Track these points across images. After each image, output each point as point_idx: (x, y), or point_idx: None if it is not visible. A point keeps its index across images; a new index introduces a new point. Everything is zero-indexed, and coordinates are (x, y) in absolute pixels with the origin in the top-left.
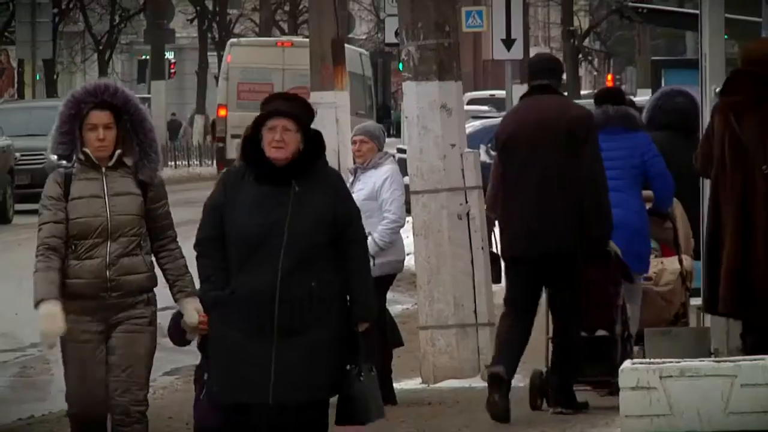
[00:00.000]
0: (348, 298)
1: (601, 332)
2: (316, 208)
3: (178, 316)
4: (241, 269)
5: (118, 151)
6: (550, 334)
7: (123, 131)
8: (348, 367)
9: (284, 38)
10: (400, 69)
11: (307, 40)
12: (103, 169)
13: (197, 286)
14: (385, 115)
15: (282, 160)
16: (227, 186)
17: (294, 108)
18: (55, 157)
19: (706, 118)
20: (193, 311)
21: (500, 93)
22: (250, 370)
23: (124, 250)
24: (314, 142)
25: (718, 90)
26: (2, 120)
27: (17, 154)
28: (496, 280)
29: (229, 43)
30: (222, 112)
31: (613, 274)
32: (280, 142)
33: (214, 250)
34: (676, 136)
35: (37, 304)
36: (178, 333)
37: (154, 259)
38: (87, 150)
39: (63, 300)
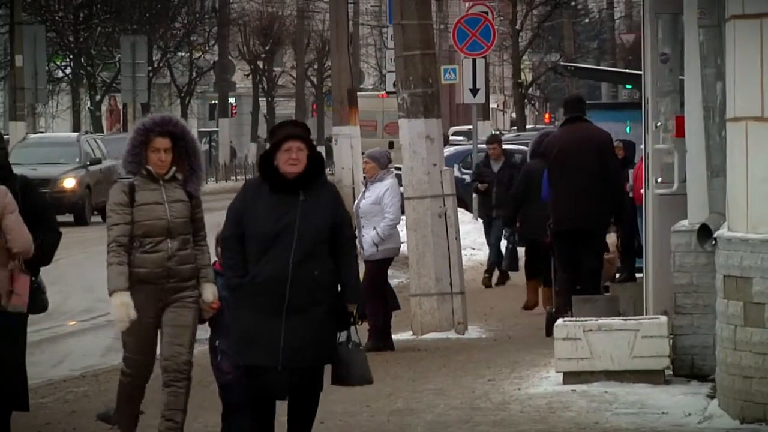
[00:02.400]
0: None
1: None
2: (318, 213)
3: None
4: (259, 260)
5: (173, 168)
6: (557, 288)
7: (177, 154)
8: (339, 337)
9: (383, 92)
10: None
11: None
12: (161, 182)
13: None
14: None
15: (294, 174)
16: (247, 194)
17: (303, 132)
18: (125, 172)
19: (649, 146)
20: (210, 293)
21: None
22: (265, 339)
23: (180, 246)
24: (317, 162)
25: (659, 125)
26: (109, 146)
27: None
28: (513, 267)
29: None
30: None
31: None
32: (296, 159)
33: (235, 245)
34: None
35: (111, 293)
36: None
37: None
38: (150, 167)
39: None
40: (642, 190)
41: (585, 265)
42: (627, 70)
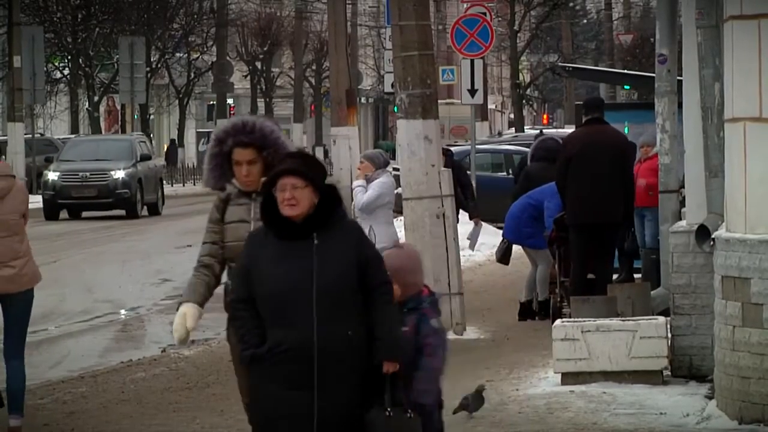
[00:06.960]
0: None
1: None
2: (338, 257)
3: None
4: (275, 324)
5: (263, 179)
6: (562, 278)
7: (269, 162)
8: (376, 408)
9: (447, 100)
10: (395, 111)
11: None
12: (253, 195)
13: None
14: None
15: (296, 216)
16: (251, 248)
17: (300, 165)
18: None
19: (665, 144)
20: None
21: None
22: (295, 421)
23: None
24: (329, 196)
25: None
26: (80, 149)
27: (87, 173)
28: (504, 261)
29: None
30: None
31: None
32: (292, 199)
33: (246, 311)
34: (548, 164)
35: (178, 307)
36: None
37: None
38: (235, 182)
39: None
40: (651, 193)
41: (601, 255)
42: (625, 71)
